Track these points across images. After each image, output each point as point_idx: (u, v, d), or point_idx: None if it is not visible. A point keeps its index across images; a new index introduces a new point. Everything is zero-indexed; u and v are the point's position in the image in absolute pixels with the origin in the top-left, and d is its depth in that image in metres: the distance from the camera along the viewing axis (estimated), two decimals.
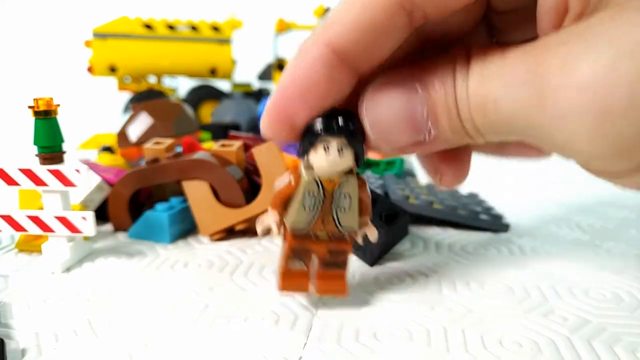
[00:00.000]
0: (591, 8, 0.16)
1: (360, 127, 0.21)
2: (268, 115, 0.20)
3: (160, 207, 0.36)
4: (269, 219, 0.24)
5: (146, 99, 0.79)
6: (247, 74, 1.10)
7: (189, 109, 0.55)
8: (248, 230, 0.37)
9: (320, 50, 0.19)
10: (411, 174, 0.50)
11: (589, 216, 0.43)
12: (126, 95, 1.03)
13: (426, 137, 0.19)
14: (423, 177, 0.52)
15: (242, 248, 0.35)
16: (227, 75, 1.02)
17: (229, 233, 0.37)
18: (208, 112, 0.93)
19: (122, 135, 0.49)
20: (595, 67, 0.15)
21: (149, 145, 0.39)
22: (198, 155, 0.37)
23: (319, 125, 0.21)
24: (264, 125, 0.21)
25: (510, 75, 0.17)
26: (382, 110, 0.19)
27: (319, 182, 0.22)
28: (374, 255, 0.31)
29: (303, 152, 0.22)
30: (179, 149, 0.42)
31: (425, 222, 0.40)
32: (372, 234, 0.25)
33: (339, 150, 0.21)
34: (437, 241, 0.37)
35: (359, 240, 0.25)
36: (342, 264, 0.26)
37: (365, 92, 0.20)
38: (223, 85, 1.05)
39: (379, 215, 0.31)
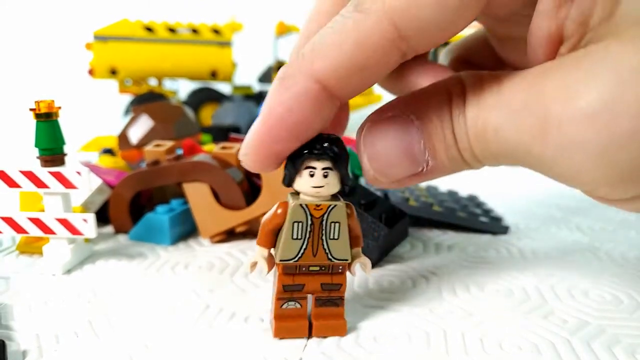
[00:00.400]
0: (587, 38, 0.16)
1: (344, 150, 0.21)
2: (254, 152, 0.20)
3: (160, 209, 0.36)
4: (257, 255, 0.23)
5: (147, 101, 0.80)
6: (247, 76, 1.10)
7: (189, 112, 0.55)
8: (248, 232, 0.37)
9: (308, 86, 0.18)
10: None
11: (588, 218, 0.43)
12: (127, 98, 1.04)
13: (424, 169, 0.19)
14: None
15: (242, 250, 0.35)
16: (228, 78, 1.02)
17: (230, 235, 0.37)
18: (208, 115, 0.94)
19: (123, 138, 0.49)
20: (598, 95, 0.15)
21: (149, 148, 0.40)
22: (198, 157, 0.37)
23: (303, 150, 0.20)
24: (248, 160, 0.20)
25: (509, 104, 0.16)
26: (380, 145, 0.19)
27: (307, 209, 0.22)
28: (374, 257, 0.31)
29: (289, 180, 0.21)
30: (180, 152, 0.42)
31: (424, 224, 0.40)
32: (367, 267, 0.24)
33: (324, 175, 0.21)
34: (437, 243, 0.37)
35: (353, 273, 0.24)
36: (339, 301, 0.24)
37: (362, 127, 0.20)
38: (223, 87, 1.05)
39: (379, 217, 0.31)
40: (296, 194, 0.22)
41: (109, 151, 0.54)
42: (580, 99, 0.15)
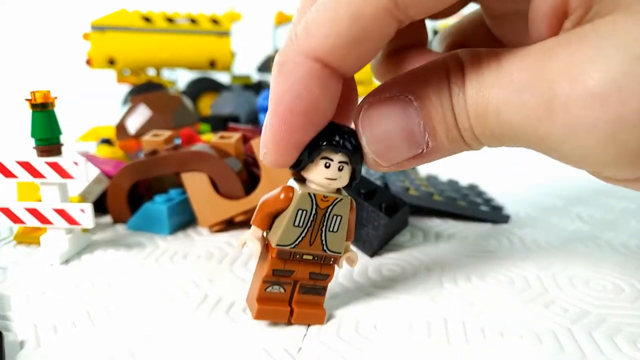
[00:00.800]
0: (593, 11, 0.16)
1: (360, 144, 0.20)
2: (274, 147, 0.19)
3: (159, 198, 0.36)
4: (251, 235, 0.23)
5: (145, 91, 0.79)
6: (246, 66, 1.10)
7: (187, 101, 0.55)
8: (247, 222, 0.37)
9: (310, 67, 0.17)
10: None
11: (589, 207, 0.43)
12: (125, 88, 1.03)
13: (424, 150, 0.18)
14: (423, 168, 0.52)
15: None
16: (227, 68, 1.01)
17: (228, 224, 0.37)
18: (207, 104, 0.93)
19: (121, 128, 0.49)
20: (607, 74, 0.14)
21: (147, 138, 0.39)
22: (197, 147, 0.37)
23: (322, 140, 0.20)
24: (270, 157, 0.20)
25: (511, 83, 0.16)
26: (378, 127, 0.19)
27: (314, 199, 0.22)
28: (374, 246, 0.31)
29: (302, 166, 0.21)
30: (178, 141, 0.42)
31: (425, 214, 0.40)
32: (354, 261, 0.24)
33: (339, 168, 0.21)
34: (437, 232, 0.37)
35: (339, 266, 0.24)
36: (322, 290, 0.24)
37: (359, 108, 0.20)
38: (222, 77, 1.04)
39: (379, 206, 0.31)
40: (301, 180, 0.22)
41: (107, 141, 0.54)
42: (589, 78, 0.14)
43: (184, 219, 0.37)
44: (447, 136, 0.18)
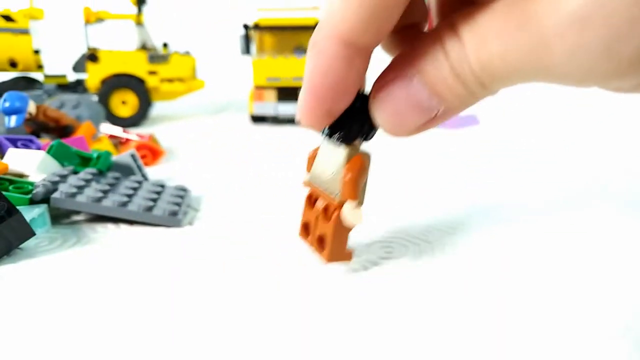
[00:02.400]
0: None
1: None
2: (309, 113, 0.22)
3: None
4: (356, 209, 0.27)
5: None
6: (61, 65, 1.04)
7: None
8: None
9: (333, 47, 0.20)
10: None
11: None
12: None
13: (437, 113, 0.21)
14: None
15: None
16: (30, 68, 0.95)
17: None
18: None
19: None
20: None
21: None
22: None
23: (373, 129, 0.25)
24: (306, 123, 0.23)
25: (506, 30, 0.17)
26: (388, 105, 0.21)
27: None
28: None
29: (358, 133, 0.25)
30: None
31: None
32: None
33: None
34: None
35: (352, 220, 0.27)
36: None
37: (371, 90, 0.22)
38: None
39: None
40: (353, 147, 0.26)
41: None
42: (569, 3, 0.16)
43: None
44: (455, 95, 0.20)
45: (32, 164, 0.41)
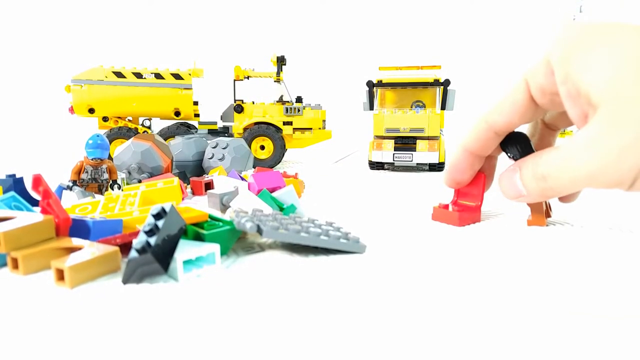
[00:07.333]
0: (589, 119, 0.30)
1: None
2: (448, 180, 0.47)
3: None
4: None
5: (119, 135, 1.02)
6: (213, 114, 1.23)
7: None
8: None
9: (460, 152, 0.44)
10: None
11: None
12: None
13: (523, 194, 0.35)
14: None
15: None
16: (189, 116, 1.15)
17: None
18: None
19: None
20: (594, 160, 0.28)
21: None
22: None
23: None
24: (446, 184, 0.48)
25: (555, 161, 0.32)
26: (502, 179, 0.37)
27: None
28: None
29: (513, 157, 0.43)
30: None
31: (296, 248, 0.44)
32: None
33: None
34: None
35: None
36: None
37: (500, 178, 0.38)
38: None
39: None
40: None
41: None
42: (579, 161, 0.29)
43: None
44: (532, 187, 0.34)
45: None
